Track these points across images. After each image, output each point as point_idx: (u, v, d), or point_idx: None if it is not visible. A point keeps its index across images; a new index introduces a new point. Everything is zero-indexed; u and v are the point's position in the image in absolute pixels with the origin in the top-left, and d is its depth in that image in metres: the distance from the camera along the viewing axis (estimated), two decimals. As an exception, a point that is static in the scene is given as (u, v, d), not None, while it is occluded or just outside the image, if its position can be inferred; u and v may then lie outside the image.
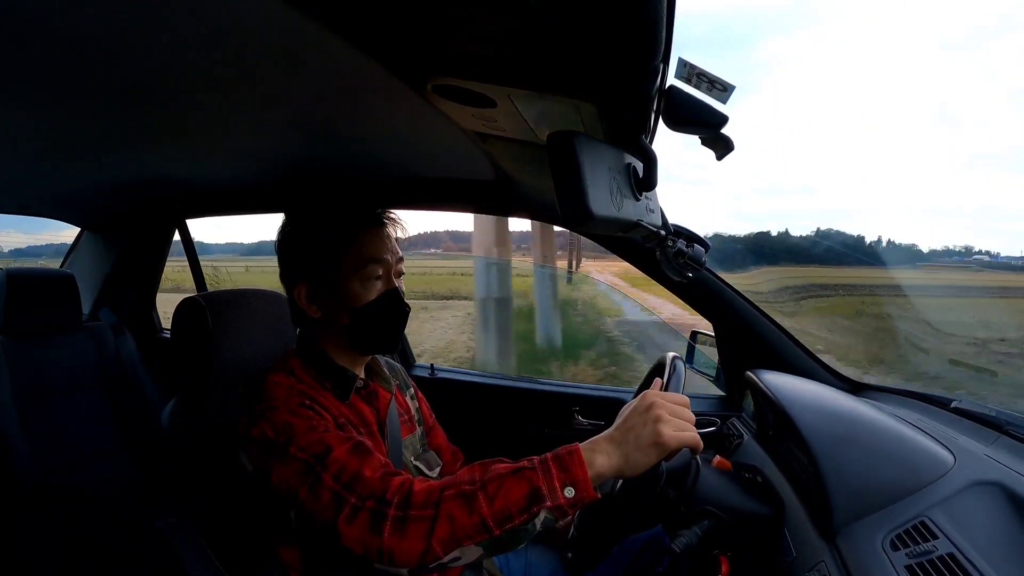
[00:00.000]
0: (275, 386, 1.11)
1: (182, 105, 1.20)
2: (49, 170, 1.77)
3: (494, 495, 0.90)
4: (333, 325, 1.20)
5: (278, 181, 1.94)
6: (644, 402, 0.95)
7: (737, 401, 1.86)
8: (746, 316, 1.79)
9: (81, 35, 0.84)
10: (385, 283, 1.20)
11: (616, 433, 0.95)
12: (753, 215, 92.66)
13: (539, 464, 0.93)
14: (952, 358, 3.16)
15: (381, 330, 1.21)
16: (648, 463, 0.92)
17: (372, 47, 0.84)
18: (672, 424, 0.92)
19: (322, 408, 1.10)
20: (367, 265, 1.17)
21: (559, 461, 0.92)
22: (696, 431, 0.95)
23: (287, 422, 1.04)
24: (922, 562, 0.82)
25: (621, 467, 0.92)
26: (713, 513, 1.11)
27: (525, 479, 0.91)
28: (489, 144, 1.32)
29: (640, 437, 0.92)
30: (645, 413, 0.93)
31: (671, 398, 0.97)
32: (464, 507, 0.90)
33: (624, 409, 0.99)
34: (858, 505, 1.00)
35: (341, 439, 1.02)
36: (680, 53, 0.75)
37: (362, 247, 1.18)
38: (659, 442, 0.91)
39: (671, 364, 1.24)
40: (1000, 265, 8.78)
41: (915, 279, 8.67)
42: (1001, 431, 1.16)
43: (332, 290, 1.18)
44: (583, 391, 2.18)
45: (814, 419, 1.21)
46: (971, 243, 23.57)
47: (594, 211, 0.71)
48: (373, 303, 1.18)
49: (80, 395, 2.11)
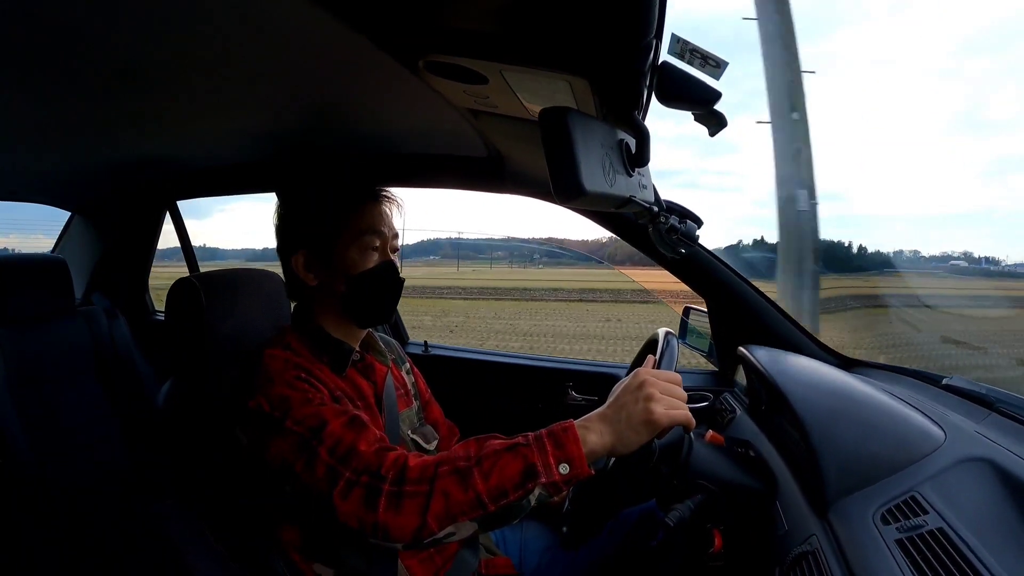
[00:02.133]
0: (272, 359, 1.11)
1: (171, 85, 1.18)
2: (37, 154, 1.76)
3: (489, 471, 0.91)
4: (329, 294, 1.21)
5: (269, 160, 1.93)
6: (636, 380, 0.96)
7: (730, 376, 1.88)
8: (739, 292, 1.79)
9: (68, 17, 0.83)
10: (381, 255, 1.21)
11: (608, 411, 0.96)
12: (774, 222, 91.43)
13: (534, 440, 0.94)
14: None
15: (376, 299, 1.22)
16: (640, 441, 0.93)
17: (362, 23, 0.83)
18: (664, 403, 0.93)
19: (318, 381, 1.10)
20: (365, 235, 1.19)
21: (554, 437, 0.93)
22: (688, 409, 0.95)
23: (283, 395, 1.04)
24: (912, 536, 0.83)
25: (613, 445, 0.93)
26: (706, 487, 1.12)
27: (520, 455, 0.92)
28: (481, 121, 1.32)
29: (632, 415, 0.93)
30: (637, 391, 0.94)
31: (663, 376, 0.97)
32: (459, 483, 0.91)
33: (616, 387, 1.00)
34: (849, 480, 1.01)
35: (337, 412, 1.02)
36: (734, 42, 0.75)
37: (361, 218, 1.19)
38: (650, 420, 0.92)
39: (664, 340, 1.24)
40: (977, 271, 8.81)
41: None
42: (992, 408, 1.16)
43: (330, 257, 1.19)
44: (576, 366, 2.19)
45: (806, 394, 1.21)
46: (999, 250, 23.76)
47: (587, 187, 0.70)
48: (370, 271, 1.19)
49: (75, 380, 2.10)
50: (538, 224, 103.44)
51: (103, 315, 2.23)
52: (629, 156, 0.89)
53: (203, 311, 1.28)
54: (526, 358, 2.31)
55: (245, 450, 1.07)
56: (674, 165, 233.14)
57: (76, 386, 2.09)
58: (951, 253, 23.29)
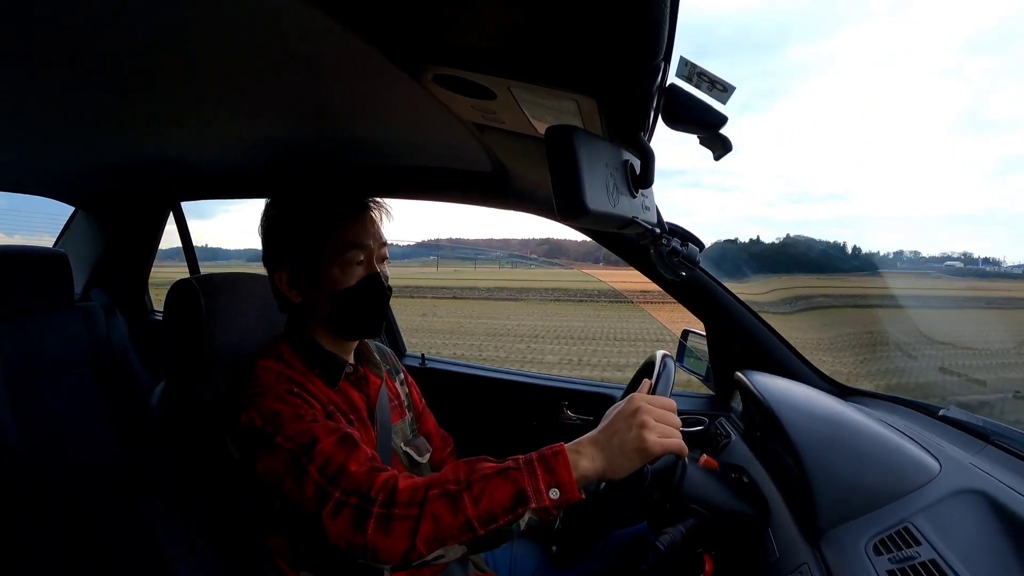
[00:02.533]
0: (264, 371, 1.11)
1: (178, 88, 1.19)
2: (44, 148, 1.76)
3: (479, 496, 0.91)
4: (315, 310, 1.20)
5: (274, 167, 1.93)
6: (630, 406, 0.96)
7: (726, 401, 1.87)
8: (738, 317, 1.79)
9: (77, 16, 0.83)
10: (366, 268, 1.19)
11: (601, 436, 0.95)
12: (781, 222, 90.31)
13: (524, 465, 0.93)
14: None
15: (362, 315, 1.20)
16: (631, 468, 0.93)
17: (372, 34, 0.84)
18: (658, 430, 0.93)
19: (311, 396, 1.09)
20: (348, 250, 1.16)
21: (544, 462, 0.93)
22: (681, 438, 0.95)
23: (274, 410, 1.03)
24: (904, 568, 0.83)
25: (605, 470, 0.93)
26: (698, 512, 1.12)
27: (511, 480, 0.92)
28: (487, 136, 1.32)
29: (625, 442, 0.93)
30: (631, 417, 0.94)
31: (657, 402, 0.97)
32: (449, 507, 0.91)
33: (610, 411, 1.00)
34: (842, 509, 1.01)
35: (328, 430, 1.02)
36: (704, 56, 0.75)
37: (343, 233, 1.17)
38: (643, 448, 0.92)
39: (661, 363, 1.24)
40: (973, 272, 8.88)
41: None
42: (988, 441, 1.16)
43: (312, 276, 1.18)
44: (572, 385, 2.18)
45: (802, 421, 1.21)
46: (1007, 251, 24.14)
47: (590, 206, 0.71)
48: (353, 288, 1.17)
49: (70, 376, 2.09)
50: (538, 226, 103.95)
51: (101, 312, 2.23)
52: (633, 177, 0.89)
53: (201, 313, 1.27)
54: (523, 375, 2.30)
55: (236, 464, 1.06)
56: (677, 165, 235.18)
57: (71, 381, 2.08)
58: (950, 254, 23.70)
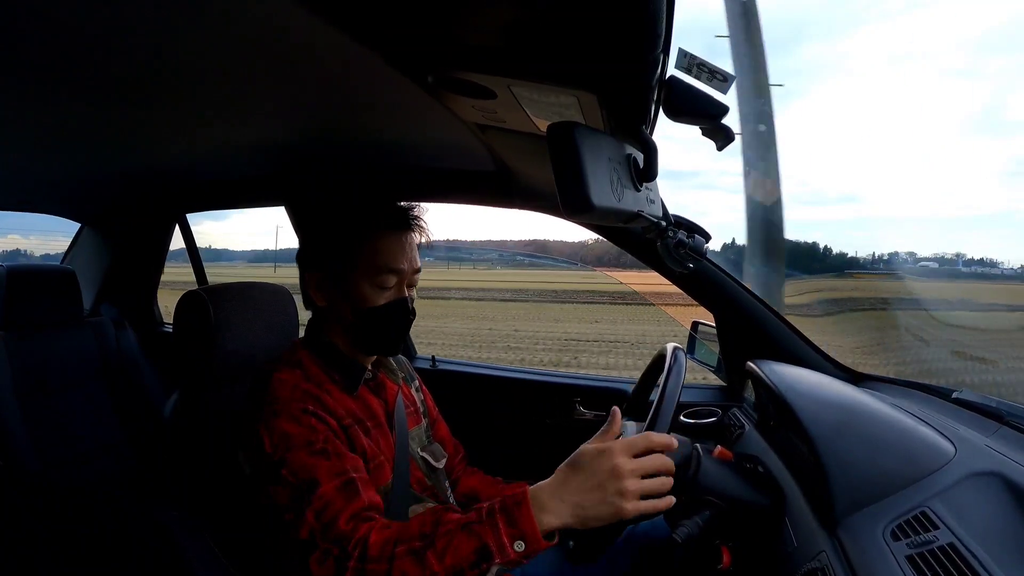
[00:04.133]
0: (280, 385, 1.11)
1: (181, 98, 1.19)
2: (50, 165, 1.77)
3: (443, 551, 0.91)
4: (338, 317, 1.20)
5: (278, 173, 1.94)
6: (606, 462, 0.91)
7: (738, 391, 1.87)
8: (747, 306, 1.79)
9: (79, 28, 0.84)
10: (397, 291, 1.19)
11: (569, 493, 0.92)
12: (796, 223, 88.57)
13: (487, 517, 0.93)
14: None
15: (383, 335, 1.21)
16: (604, 524, 0.91)
17: (371, 39, 0.84)
18: (638, 492, 0.90)
19: (326, 411, 1.09)
20: (382, 272, 1.16)
21: (506, 513, 0.92)
22: (670, 485, 0.93)
23: (286, 432, 1.04)
24: (923, 552, 0.82)
25: (573, 525, 0.92)
26: (714, 503, 1.11)
27: (474, 535, 0.91)
28: (489, 135, 1.32)
29: (598, 505, 0.90)
30: (607, 480, 0.90)
31: (640, 448, 0.93)
32: (415, 564, 0.91)
33: (580, 459, 0.95)
34: (859, 495, 1.00)
35: (332, 472, 1.02)
36: (714, 57, 0.75)
37: (381, 252, 1.17)
38: (619, 516, 0.90)
39: (672, 355, 1.24)
40: (946, 273, 8.92)
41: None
42: (1002, 422, 1.16)
43: (342, 285, 1.18)
44: (584, 382, 2.18)
45: (815, 409, 1.21)
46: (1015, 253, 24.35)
47: (594, 202, 0.70)
48: (379, 308, 1.18)
49: (82, 390, 2.10)
50: (527, 226, 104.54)
51: (111, 325, 2.25)
52: (637, 171, 0.89)
53: (210, 324, 1.28)
54: (534, 373, 2.31)
55: (247, 479, 1.08)
56: (691, 167, 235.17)
57: (83, 394, 2.10)
58: (943, 255, 23.92)
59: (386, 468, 1.18)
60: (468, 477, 1.49)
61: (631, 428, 1.40)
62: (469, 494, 1.46)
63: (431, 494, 1.29)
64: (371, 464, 1.14)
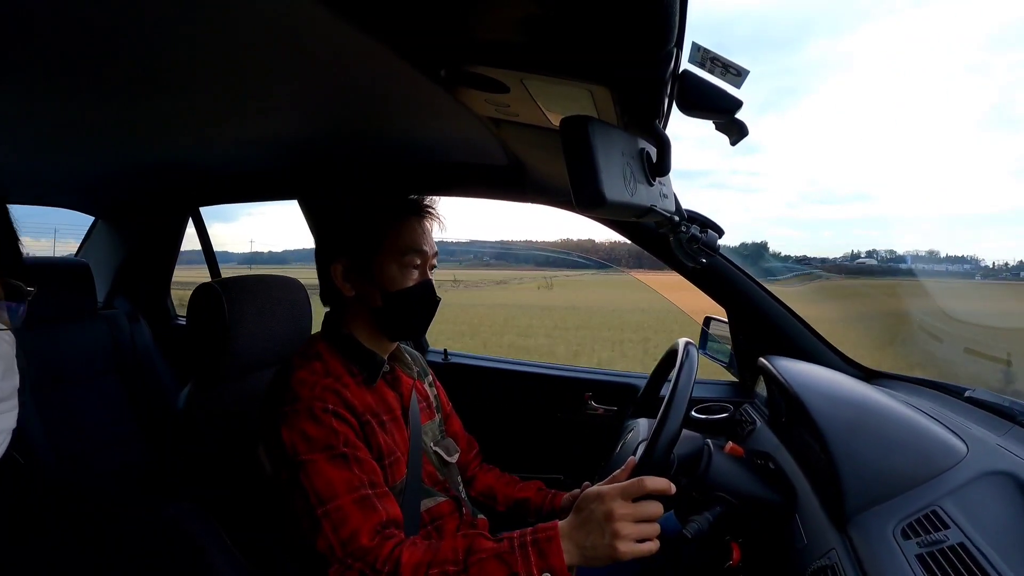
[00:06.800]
0: (299, 384, 1.13)
1: (195, 92, 1.19)
2: (65, 159, 1.78)
3: None
4: (364, 305, 1.22)
5: (291, 167, 1.94)
6: (602, 508, 0.97)
7: (750, 387, 1.86)
8: (760, 302, 1.78)
9: (95, 22, 0.84)
10: (421, 274, 1.23)
11: (575, 534, 0.98)
12: (805, 222, 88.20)
13: (519, 548, 0.97)
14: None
15: (412, 317, 1.24)
16: (605, 564, 0.96)
17: (384, 33, 0.84)
18: (631, 535, 0.95)
19: (346, 409, 1.11)
20: (407, 253, 1.20)
21: (538, 548, 0.97)
22: (658, 531, 0.98)
23: (306, 433, 1.06)
24: (933, 551, 0.82)
25: (582, 564, 0.97)
26: (725, 499, 1.11)
27: (505, 564, 0.96)
28: (502, 130, 1.32)
29: (597, 547, 0.96)
30: (603, 524, 0.96)
31: (632, 494, 0.97)
32: None
33: (583, 502, 1.01)
34: (870, 493, 1.00)
35: (351, 485, 1.05)
36: (722, 53, 0.75)
37: (405, 234, 1.21)
38: (615, 556, 0.94)
39: (684, 350, 1.23)
40: (884, 270, 8.75)
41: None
42: (1014, 421, 1.15)
43: (370, 270, 1.21)
44: (596, 376, 2.18)
45: (827, 406, 1.20)
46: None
47: (608, 196, 0.70)
48: (409, 290, 1.21)
49: (96, 382, 2.12)
50: (559, 227, 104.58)
51: (125, 319, 2.26)
52: (650, 165, 0.89)
53: (224, 317, 1.29)
54: (546, 367, 2.30)
55: (266, 477, 1.11)
56: (701, 166, 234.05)
57: (97, 388, 2.12)
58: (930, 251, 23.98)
59: (402, 463, 1.20)
60: (484, 475, 1.51)
61: (642, 426, 1.40)
62: (486, 492, 1.48)
63: (442, 488, 1.30)
64: (387, 460, 1.16)
